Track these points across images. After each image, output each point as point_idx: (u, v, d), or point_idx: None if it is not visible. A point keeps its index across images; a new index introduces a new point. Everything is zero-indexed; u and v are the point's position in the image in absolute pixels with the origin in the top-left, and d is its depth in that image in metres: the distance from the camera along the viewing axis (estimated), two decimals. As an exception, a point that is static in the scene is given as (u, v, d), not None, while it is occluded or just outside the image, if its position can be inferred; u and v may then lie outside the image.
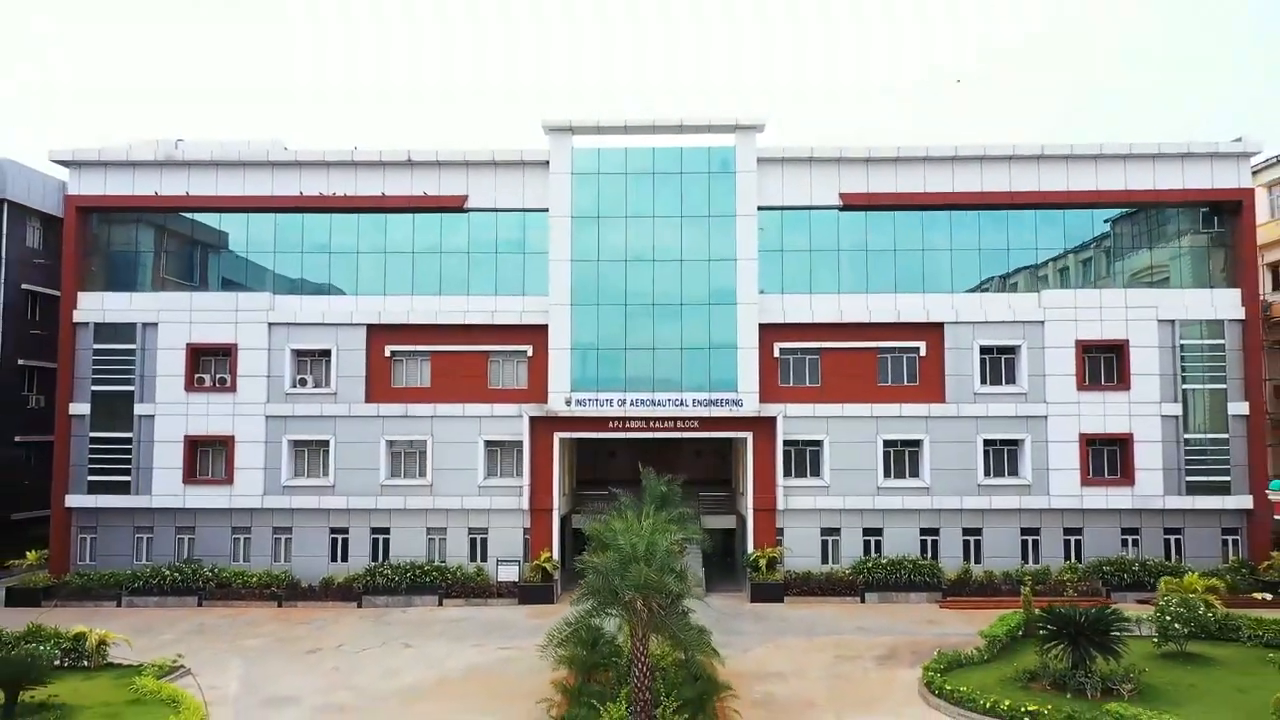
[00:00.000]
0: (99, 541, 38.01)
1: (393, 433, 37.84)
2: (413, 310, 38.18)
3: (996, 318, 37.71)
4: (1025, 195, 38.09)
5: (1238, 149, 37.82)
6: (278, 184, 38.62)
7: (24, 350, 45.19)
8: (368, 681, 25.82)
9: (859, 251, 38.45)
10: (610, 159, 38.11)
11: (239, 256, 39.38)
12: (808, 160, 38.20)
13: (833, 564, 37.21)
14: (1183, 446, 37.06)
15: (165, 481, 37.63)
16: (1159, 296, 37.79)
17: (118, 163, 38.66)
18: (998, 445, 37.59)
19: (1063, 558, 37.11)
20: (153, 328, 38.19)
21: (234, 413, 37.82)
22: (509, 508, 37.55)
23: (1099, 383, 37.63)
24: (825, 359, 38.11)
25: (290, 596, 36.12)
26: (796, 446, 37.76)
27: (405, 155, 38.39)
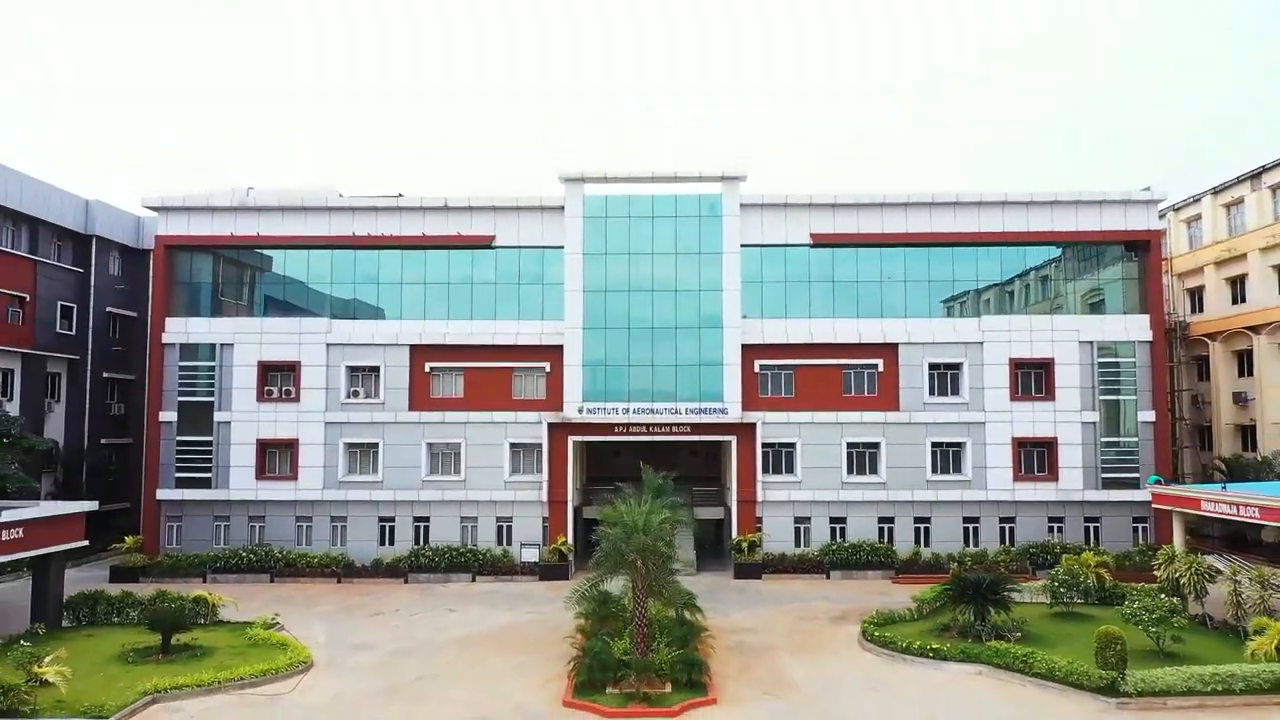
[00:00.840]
0: (184, 528, 44.91)
1: (432, 436, 44.74)
2: (448, 332, 45.09)
3: (943, 339, 44.56)
4: (967, 235, 44.95)
5: (1147, 197, 44.66)
6: (334, 225, 45.57)
7: (108, 364, 52.39)
8: (424, 634, 32.70)
9: (827, 282, 45.33)
10: (616, 204, 45.01)
11: (301, 286, 46.33)
12: (783, 206, 45.08)
13: (804, 547, 44.05)
14: (1099, 448, 43.87)
15: (240, 477, 44.58)
16: (1080, 321, 44.62)
17: (199, 208, 45.61)
18: (943, 447, 44.43)
19: (998, 542, 43.91)
20: (229, 347, 45.13)
21: (298, 419, 44.75)
22: (530, 500, 44.42)
23: (1029, 394, 44.46)
24: (798, 374, 44.97)
25: (347, 574, 43.01)
26: (773, 448, 44.61)
27: (443, 201, 45.33)
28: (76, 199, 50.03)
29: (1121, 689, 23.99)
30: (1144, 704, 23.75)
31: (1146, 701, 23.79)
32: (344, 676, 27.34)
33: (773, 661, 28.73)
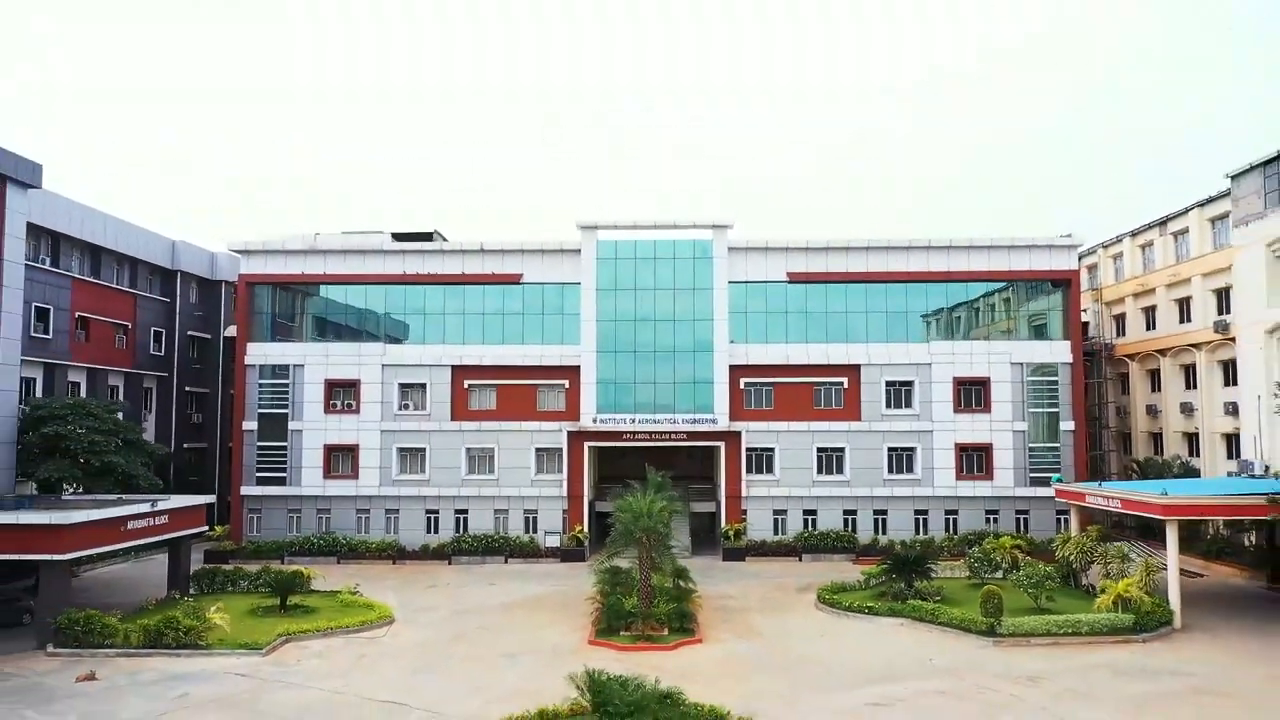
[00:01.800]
0: (263, 519, 53.67)
1: (470, 442, 53.51)
2: (484, 355, 53.87)
3: (897, 360, 53.28)
4: (919, 274, 53.66)
5: (1067, 242, 53.39)
6: (387, 265, 54.37)
7: (188, 380, 61.20)
8: (474, 600, 41.42)
9: (800, 313, 54.05)
10: (624, 248, 53.77)
11: (360, 315, 55.14)
12: (764, 249, 53.85)
13: (781, 535, 52.76)
14: (1027, 452, 52.55)
15: (310, 476, 53.38)
16: (1012, 346, 53.31)
17: (274, 251, 54.43)
18: (897, 451, 53.12)
19: (944, 531, 52.56)
20: (300, 367, 53.94)
21: (358, 428, 53.56)
22: (552, 495, 53.17)
23: (969, 407, 53.13)
24: (776, 389, 53.70)
25: (400, 557, 51.77)
26: (756, 452, 53.32)
27: (479, 245, 54.16)
28: (165, 240, 58.87)
29: (998, 631, 32.69)
30: (1013, 642, 32.43)
31: (1015, 640, 32.47)
32: (421, 628, 36.10)
33: (746, 618, 37.46)
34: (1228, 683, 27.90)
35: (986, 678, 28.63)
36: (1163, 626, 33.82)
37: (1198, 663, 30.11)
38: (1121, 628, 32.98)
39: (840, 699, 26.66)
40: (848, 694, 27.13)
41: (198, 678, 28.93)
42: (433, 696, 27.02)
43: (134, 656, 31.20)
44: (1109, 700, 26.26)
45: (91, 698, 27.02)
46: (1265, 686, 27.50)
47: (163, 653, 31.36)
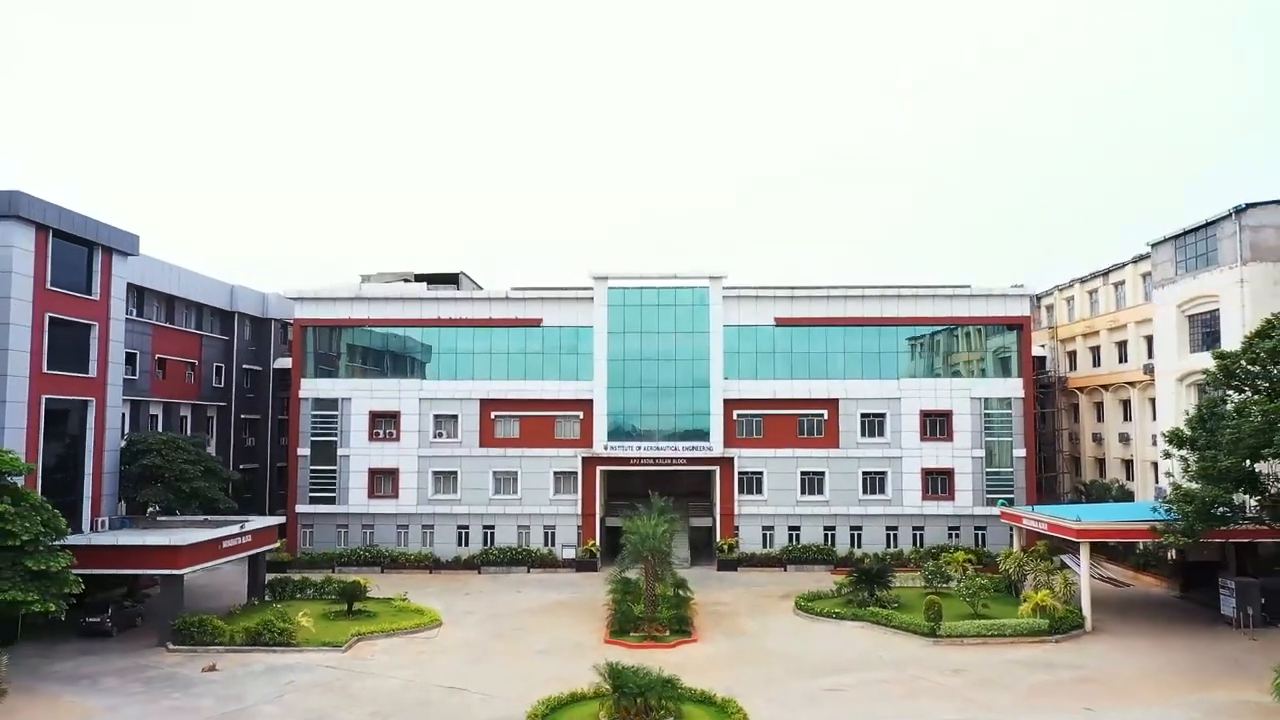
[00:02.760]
0: (315, 533, 61.19)
1: (496, 466, 61.04)
2: (508, 390, 61.42)
3: (871, 395, 60.76)
4: (889, 319, 61.15)
5: (1019, 292, 60.97)
6: (424, 310, 61.96)
7: (243, 408, 68.77)
8: (505, 605, 48.93)
9: (786, 353, 61.54)
10: (631, 296, 61.31)
11: (400, 354, 62.73)
12: (754, 297, 61.37)
13: (769, 548, 60.21)
14: (984, 476, 59.99)
15: (356, 496, 60.97)
16: (972, 382, 60.79)
17: (325, 298, 62.05)
18: (871, 475, 60.58)
19: (911, 545, 59.95)
20: (347, 400, 61.54)
21: (398, 454, 61.13)
22: (568, 512, 60.67)
23: (934, 436, 60.57)
24: (765, 420, 61.19)
25: (435, 567, 59.30)
26: (747, 475, 60.80)
27: (504, 294, 61.80)
28: (225, 285, 66.46)
29: (937, 633, 40.17)
30: (950, 642, 39.90)
31: (951, 641, 39.94)
32: (465, 629, 43.65)
33: (735, 620, 45.00)
34: (1107, 673, 35.37)
35: (921, 669, 36.15)
36: (1075, 629, 41.27)
37: (1092, 658, 37.60)
38: (1039, 630, 40.44)
39: (803, 685, 34.18)
40: (810, 681, 34.65)
41: (296, 669, 36.51)
42: (484, 683, 34.58)
43: (239, 652, 38.73)
44: (1011, 687, 33.75)
45: (218, 684, 34.59)
46: (1135, 675, 34.95)
47: (262, 649, 38.92)
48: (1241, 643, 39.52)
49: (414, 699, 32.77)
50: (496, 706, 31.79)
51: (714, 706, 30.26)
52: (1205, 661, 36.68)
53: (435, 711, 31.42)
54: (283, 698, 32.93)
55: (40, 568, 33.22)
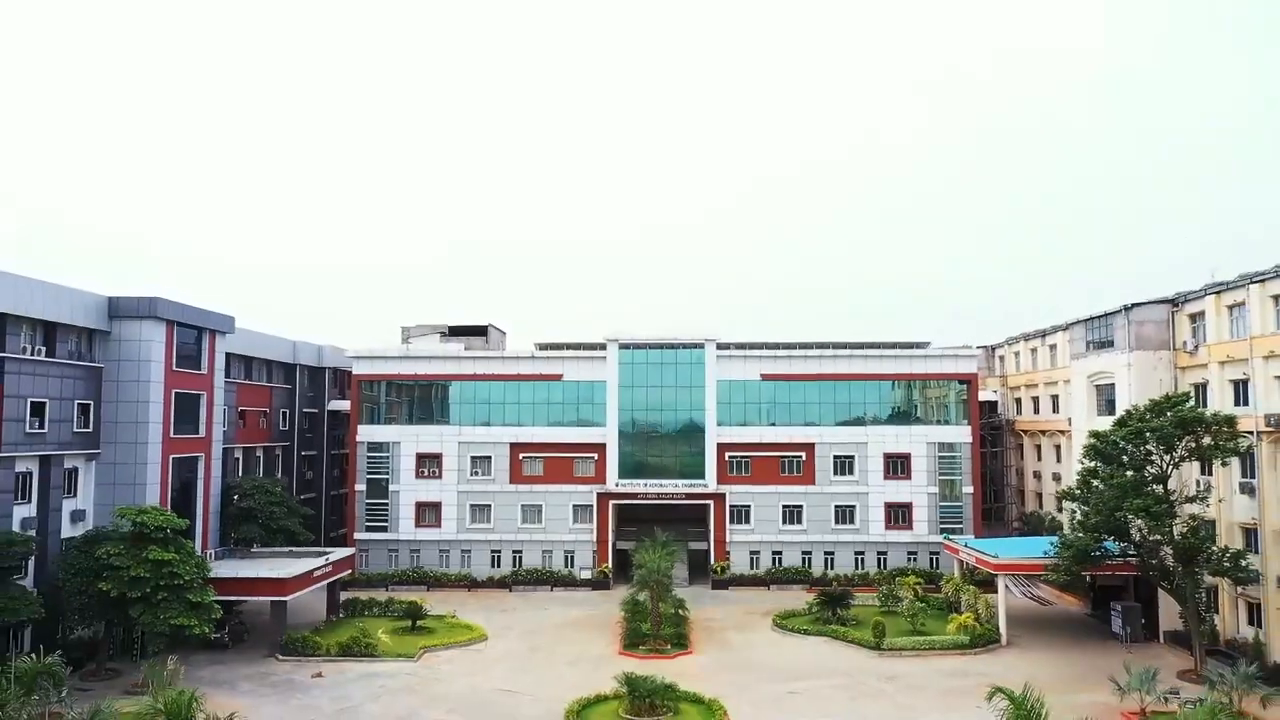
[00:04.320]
0: (369, 557, 72.02)
1: (524, 500, 71.95)
2: (534, 435, 72.29)
3: (842, 440, 71.57)
4: (858, 375, 71.97)
5: (968, 353, 71.85)
6: (462, 367, 72.89)
7: (303, 446, 79.67)
8: (535, 622, 59.73)
9: (770, 403, 72.37)
10: (639, 355, 72.15)
11: (442, 404, 73.65)
12: (743, 357, 72.23)
13: (755, 569, 71.01)
14: (938, 509, 70.79)
15: (405, 525, 71.90)
16: (928, 429, 71.57)
17: (378, 356, 73.01)
18: (842, 508, 71.38)
19: (876, 568, 70.72)
20: (397, 444, 72.46)
21: (440, 489, 72.06)
22: (585, 539, 71.54)
23: (895, 475, 71.35)
24: (753, 461, 72.02)
25: (473, 586, 70.17)
26: (737, 508, 71.63)
27: (530, 353, 72.77)
28: (288, 341, 77.30)
29: (881, 647, 50.97)
30: (892, 654, 50.68)
31: (892, 653, 50.71)
32: (506, 642, 54.50)
33: (723, 635, 55.85)
34: (1006, 679, 45.67)
35: (865, 676, 47.00)
36: (992, 644, 52.04)
37: (999, 667, 48.32)
38: (961, 645, 51.23)
39: (772, 688, 45.01)
40: (778, 685, 45.48)
41: (382, 676, 47.39)
42: (529, 686, 45.45)
43: (334, 661, 49.59)
44: (931, 689, 44.53)
45: (326, 688, 45.45)
46: (1021, 678, 45.41)
47: (352, 659, 49.77)
48: (1120, 655, 50.06)
49: (478, 699, 43.64)
50: (541, 705, 42.60)
51: (703, 705, 41.07)
52: (1086, 670, 47.36)
53: (497, 709, 42.27)
54: (379, 699, 43.80)
55: (197, 600, 44.12)
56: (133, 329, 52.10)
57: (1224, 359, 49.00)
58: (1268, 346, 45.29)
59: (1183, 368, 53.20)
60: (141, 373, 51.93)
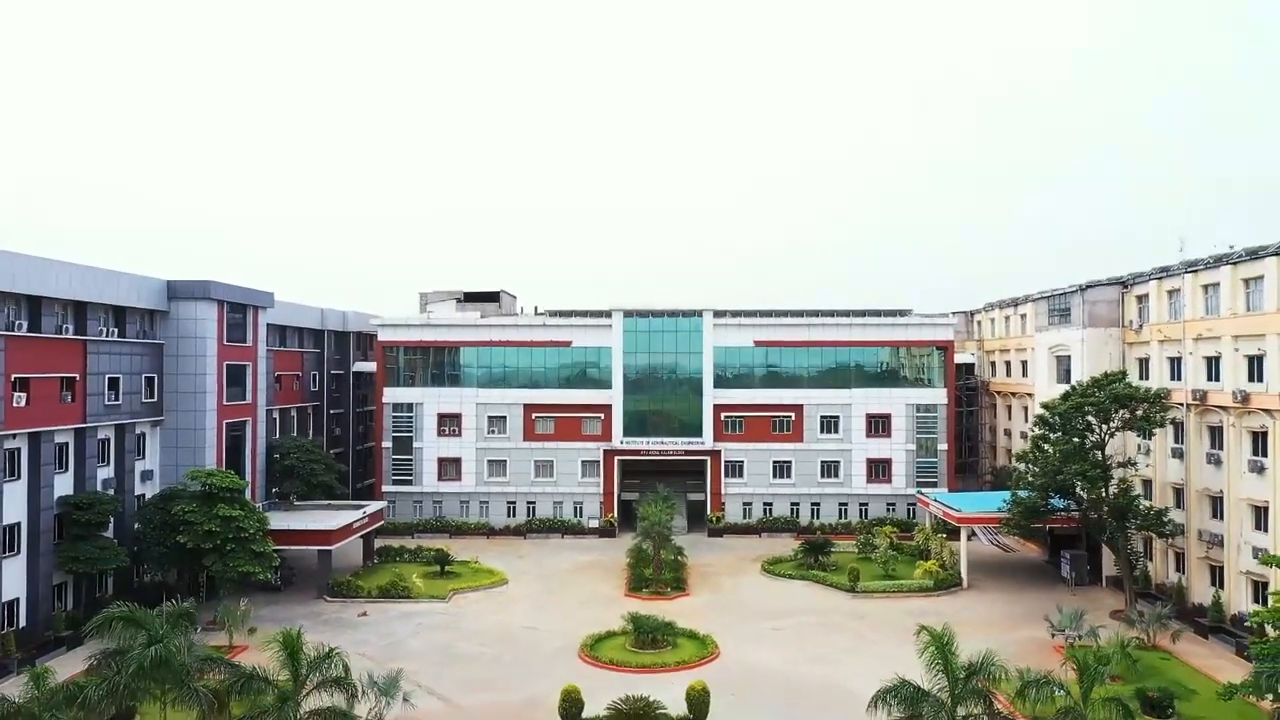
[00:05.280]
0: (396, 508, 78.83)
1: (537, 456, 78.65)
2: (545, 396, 78.70)
3: (829, 401, 77.98)
4: (844, 341, 78.13)
5: (945, 321, 77.85)
6: (479, 334, 79.09)
7: (331, 405, 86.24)
8: (550, 566, 66.73)
9: (763, 367, 78.66)
10: (642, 323, 78.26)
11: (461, 368, 79.97)
12: (738, 325, 78.34)
13: (748, 519, 77.96)
14: (915, 464, 77.48)
15: (428, 479, 78.72)
16: (907, 391, 77.95)
17: (401, 324, 79.19)
18: (827, 463, 78.07)
19: (858, 518, 77.57)
20: (420, 405, 78.97)
21: (460, 446, 78.74)
22: (593, 491, 78.38)
23: (877, 433, 77.91)
24: (746, 421, 78.53)
25: (491, 534, 77.18)
26: (731, 463, 78.33)
27: (542, 322, 78.92)
28: (316, 309, 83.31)
29: (856, 589, 57.91)
30: (864, 595, 57.61)
31: (865, 594, 57.64)
32: (524, 585, 61.51)
33: (717, 579, 62.85)
34: (961, 618, 52.80)
35: (839, 614, 53.98)
36: (954, 587, 58.94)
37: (957, 607, 55.30)
38: (927, 587, 58.15)
39: (758, 625, 51.98)
40: (762, 622, 52.44)
41: (418, 615, 54.40)
42: (547, 623, 52.45)
43: (375, 603, 56.55)
44: (894, 625, 51.37)
45: (371, 626, 52.45)
46: (978, 619, 52.61)
47: (390, 601, 56.75)
48: (1066, 597, 57.12)
49: (505, 634, 50.64)
50: (558, 638, 49.58)
51: (697, 640, 48.03)
52: (1031, 610, 54.22)
53: (522, 642, 49.27)
54: (419, 635, 50.82)
55: (260, 550, 50.93)
56: (189, 309, 58.18)
57: (1162, 338, 55.11)
58: (1197, 329, 51.37)
59: (1129, 344, 59.30)
60: (198, 348, 58.12)
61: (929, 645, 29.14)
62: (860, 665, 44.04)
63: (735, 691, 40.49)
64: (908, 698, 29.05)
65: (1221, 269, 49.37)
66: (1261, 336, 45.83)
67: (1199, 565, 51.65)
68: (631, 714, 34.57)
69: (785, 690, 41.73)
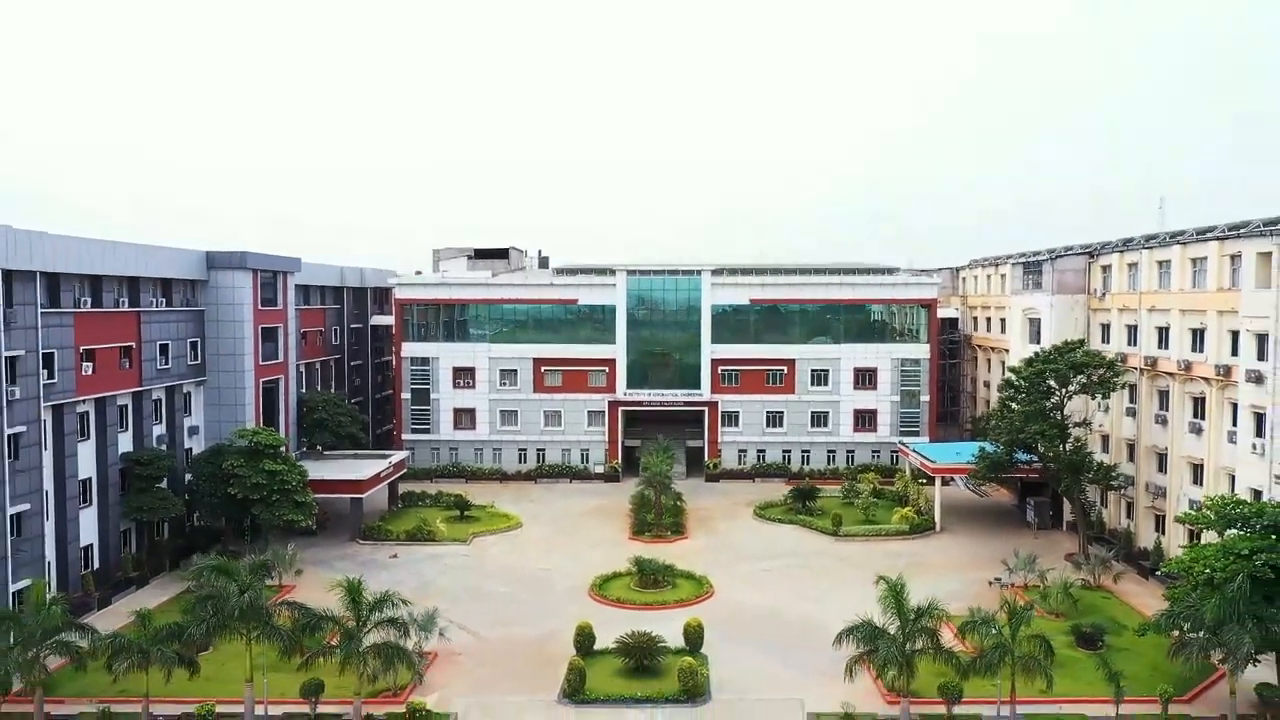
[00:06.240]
0: (415, 455, 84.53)
1: (546, 407, 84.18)
2: (554, 351, 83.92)
3: (819, 356, 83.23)
4: (834, 300, 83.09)
5: (929, 280, 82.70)
6: (490, 293, 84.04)
7: (351, 357, 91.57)
8: (559, 509, 72.67)
9: (758, 324, 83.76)
10: (644, 282, 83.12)
11: (475, 323, 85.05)
12: (735, 284, 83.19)
13: (742, 465, 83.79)
14: (899, 415, 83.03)
15: (445, 428, 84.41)
16: (893, 347, 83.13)
17: (419, 283, 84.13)
18: (817, 413, 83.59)
19: (845, 464, 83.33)
20: (436, 359, 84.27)
21: (474, 398, 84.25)
22: (598, 439, 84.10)
23: (864, 386, 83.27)
24: (742, 374, 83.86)
25: (504, 479, 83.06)
26: (728, 413, 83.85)
27: (550, 280, 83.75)
28: (335, 267, 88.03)
29: (839, 533, 63.87)
30: (846, 538, 63.55)
31: (847, 538, 63.60)
32: (537, 528, 67.49)
33: (713, 523, 68.83)
34: (932, 559, 59.03)
35: (823, 556, 59.98)
36: (928, 531, 64.88)
37: (929, 549, 61.30)
38: (904, 531, 64.08)
39: (749, 565, 57.98)
40: (753, 563, 58.45)
41: (443, 556, 60.40)
42: (559, 564, 58.45)
43: (403, 545, 62.52)
44: (870, 566, 56.91)
45: (402, 566, 58.44)
46: (946, 560, 58.64)
47: (417, 544, 62.70)
48: (1029, 541, 62.98)
49: (523, 575, 56.67)
50: (570, 578, 55.58)
51: (694, 580, 54.01)
52: (997, 553, 59.94)
53: (539, 582, 55.27)
54: (446, 574, 56.86)
55: (302, 500, 56.68)
56: (227, 278, 63.05)
57: (1121, 307, 60.13)
58: (1150, 301, 56.37)
59: (1094, 309, 64.32)
60: (235, 314, 63.16)
61: (885, 594, 34.76)
62: (838, 603, 49.49)
63: (725, 626, 46.47)
64: (867, 635, 34.88)
65: (1173, 248, 54.18)
66: (1203, 313, 50.85)
67: (1145, 514, 57.44)
68: (636, 646, 40.49)
69: (770, 625, 47.77)
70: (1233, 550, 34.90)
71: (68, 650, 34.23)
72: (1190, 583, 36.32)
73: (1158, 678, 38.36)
